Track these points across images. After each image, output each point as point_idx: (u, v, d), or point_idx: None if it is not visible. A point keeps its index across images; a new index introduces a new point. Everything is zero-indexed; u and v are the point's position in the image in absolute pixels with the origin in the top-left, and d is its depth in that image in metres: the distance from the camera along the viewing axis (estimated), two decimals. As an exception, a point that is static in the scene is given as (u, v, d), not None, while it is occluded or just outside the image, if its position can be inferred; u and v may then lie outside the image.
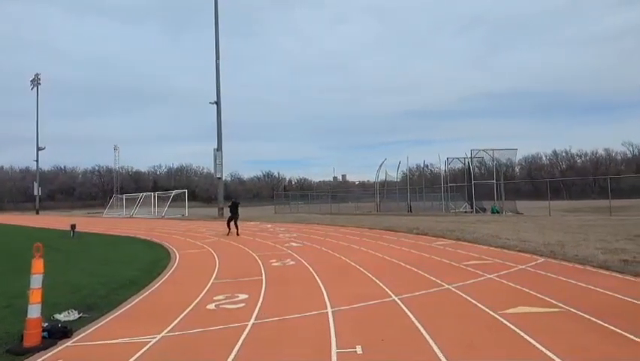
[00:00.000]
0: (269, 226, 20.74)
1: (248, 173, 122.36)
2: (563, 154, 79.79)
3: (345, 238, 13.54)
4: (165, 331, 4.59)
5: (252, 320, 4.88)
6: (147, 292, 6.66)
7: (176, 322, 4.91)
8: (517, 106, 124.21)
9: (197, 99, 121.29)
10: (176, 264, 9.52)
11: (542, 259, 8.15)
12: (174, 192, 42.85)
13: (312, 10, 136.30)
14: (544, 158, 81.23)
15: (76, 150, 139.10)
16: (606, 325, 4.20)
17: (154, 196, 42.00)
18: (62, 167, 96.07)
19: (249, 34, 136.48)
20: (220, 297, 6.08)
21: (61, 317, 5.10)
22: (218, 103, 32.63)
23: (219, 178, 34.04)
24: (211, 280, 7.37)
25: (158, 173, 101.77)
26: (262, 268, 8.48)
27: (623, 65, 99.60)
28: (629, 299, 5.12)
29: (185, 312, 5.33)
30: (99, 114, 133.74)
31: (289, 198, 49.75)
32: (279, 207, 44.08)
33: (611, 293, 5.44)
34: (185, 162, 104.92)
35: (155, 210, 40.26)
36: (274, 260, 9.38)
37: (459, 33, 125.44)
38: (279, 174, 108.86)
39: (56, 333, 4.43)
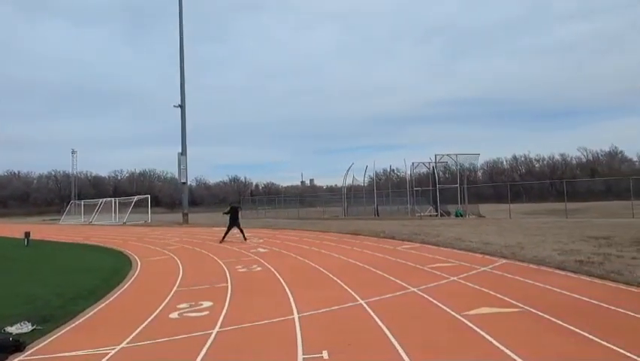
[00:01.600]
0: (235, 231, 20.41)
1: (214, 178, 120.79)
2: (522, 159, 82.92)
3: (313, 242, 13.52)
4: (125, 342, 4.41)
5: (217, 328, 4.77)
6: (106, 302, 6.40)
7: (136, 332, 4.74)
8: (478, 112, 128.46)
9: (160, 102, 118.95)
10: (137, 272, 9.21)
11: (503, 261, 8.40)
12: (136, 197, 41.59)
13: (280, 15, 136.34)
14: (504, 162, 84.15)
15: (31, 154, 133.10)
16: (564, 324, 4.35)
17: (114, 202, 40.63)
18: (16, 172, 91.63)
19: (214, 37, 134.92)
20: (183, 305, 5.92)
21: (13, 329, 4.82)
22: (182, 106, 31.99)
23: (184, 183, 33.35)
24: (174, 288, 7.17)
25: (119, 178, 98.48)
26: (228, 274, 8.33)
27: (577, 74, 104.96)
28: (585, 299, 5.34)
29: (146, 322, 5.15)
30: (56, 117, 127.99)
31: (256, 203, 49.27)
32: (245, 213, 43.51)
33: (567, 293, 5.65)
34: (148, 166, 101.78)
35: (115, 217, 38.97)
36: (240, 266, 9.24)
37: (420, 41, 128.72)
38: (245, 178, 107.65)
39: (7, 347, 4.20)
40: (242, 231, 15.17)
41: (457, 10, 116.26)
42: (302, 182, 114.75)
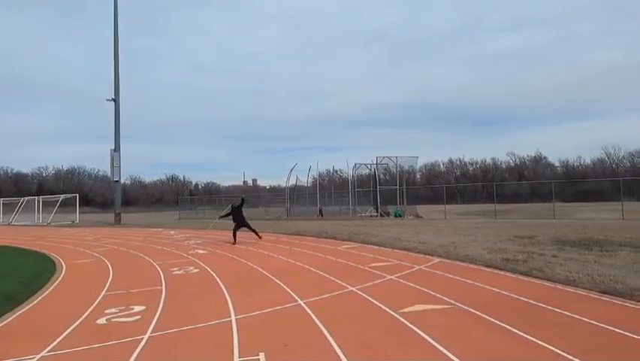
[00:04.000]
0: (172, 232, 19.71)
1: (150, 176, 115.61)
2: (458, 162, 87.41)
3: (253, 243, 13.33)
4: (45, 350, 4.07)
5: (149, 333, 4.53)
6: (26, 308, 5.88)
7: (59, 340, 4.39)
8: (418, 117, 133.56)
9: (93, 96, 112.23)
10: (62, 276, 8.57)
11: (438, 260, 8.75)
12: (63, 196, 38.80)
13: (223, 12, 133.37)
14: (441, 165, 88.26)
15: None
16: (491, 319, 4.60)
17: (38, 201, 37.66)
18: None
19: (153, 31, 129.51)
20: (112, 310, 5.57)
21: None
22: (116, 100, 30.36)
23: (116, 181, 31.62)
24: (103, 292, 6.74)
25: (44, 175, 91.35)
26: (162, 277, 7.98)
27: (507, 84, 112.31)
28: (510, 295, 5.68)
29: (70, 328, 4.79)
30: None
31: (195, 203, 47.81)
32: (184, 213, 42.17)
33: (494, 289, 5.99)
34: (77, 163, 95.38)
35: (39, 217, 36.14)
36: (176, 268, 8.89)
37: (364, 46, 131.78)
38: (184, 177, 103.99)
39: None
40: (253, 230, 13.81)
41: (398, 19, 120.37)
42: (244, 182, 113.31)
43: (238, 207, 14.08)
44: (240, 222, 13.76)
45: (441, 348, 3.79)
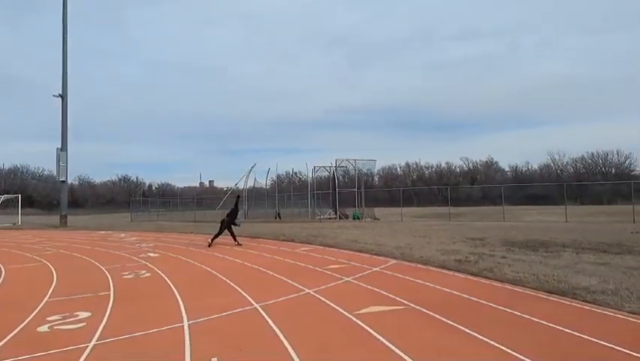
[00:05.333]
0: (122, 235, 18.94)
1: (100, 177, 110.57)
2: (414, 166, 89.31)
3: (210, 246, 13.02)
4: (-24, 363, 3.77)
5: (94, 341, 4.30)
6: (-46, 319, 5.43)
7: (-7, 351, 4.08)
8: (377, 121, 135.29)
9: (37, 92, 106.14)
10: (0, 281, 8.00)
11: (394, 261, 8.89)
12: (4, 196, 36.47)
13: (180, 8, 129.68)
14: (398, 169, 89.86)
15: None
16: (443, 319, 4.71)
17: (-24, 201, 35.17)
18: None
19: (106, 26, 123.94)
20: (55, 317, 5.25)
21: None
22: (63, 97, 28.88)
23: (63, 182, 30.05)
24: (45, 299, 6.34)
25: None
26: (111, 281, 7.62)
27: (461, 91, 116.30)
28: (461, 295, 5.85)
29: (8, 337, 4.47)
30: None
31: (148, 205, 46.22)
32: (136, 215, 40.70)
33: (446, 290, 6.15)
34: (19, 162, 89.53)
35: (-24, 219, 33.69)
36: (126, 272, 8.52)
37: (325, 49, 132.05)
38: (137, 178, 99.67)
39: None
40: (233, 234, 13.18)
41: (358, 23, 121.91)
42: (201, 183, 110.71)
43: (233, 211, 13.65)
44: (228, 225, 13.25)
45: (394, 348, 3.84)
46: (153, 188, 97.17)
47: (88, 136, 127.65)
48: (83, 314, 5.36)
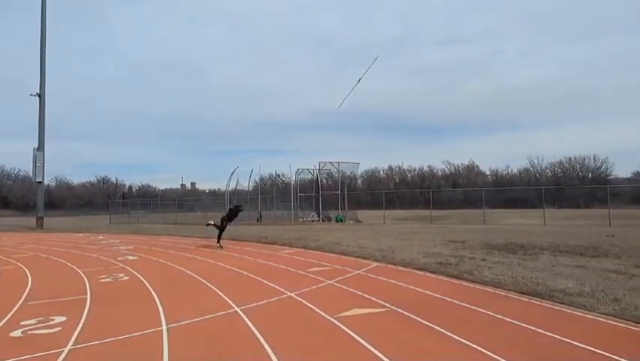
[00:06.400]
0: (101, 237, 18.57)
1: (79, 178, 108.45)
2: (397, 169, 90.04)
3: (189, 249, 12.87)
4: (-57, 371, 3.63)
5: (69, 346, 4.18)
6: None
7: (-39, 357, 3.93)
8: (359, 124, 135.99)
9: (13, 90, 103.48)
10: (-30, 285, 7.75)
11: (376, 264, 8.92)
12: (-22, 198, 35.38)
13: (163, 7, 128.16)
14: (381, 172, 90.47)
15: None
16: (424, 321, 4.74)
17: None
18: None
19: (86, 24, 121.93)
20: (30, 321, 5.10)
21: None
22: (41, 95, 28.23)
23: (39, 182, 29.32)
24: (19, 303, 6.16)
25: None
26: (88, 285, 7.44)
27: (444, 95, 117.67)
28: (442, 297, 5.90)
29: (-24, 344, 4.32)
30: None
31: (128, 207, 45.45)
32: (115, 217, 39.99)
33: (427, 292, 6.20)
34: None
35: (-52, 220, 32.62)
36: (104, 276, 8.34)
37: (309, 51, 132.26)
38: (117, 180, 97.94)
39: None
40: (220, 236, 13.02)
41: (343, 26, 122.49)
42: (182, 185, 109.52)
43: (233, 214, 13.47)
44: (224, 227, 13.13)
45: (375, 351, 3.84)
46: (133, 190, 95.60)
47: (66, 136, 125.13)
48: (59, 319, 5.22)
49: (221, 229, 13.06)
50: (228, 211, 13.76)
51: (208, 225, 13.69)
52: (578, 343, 3.95)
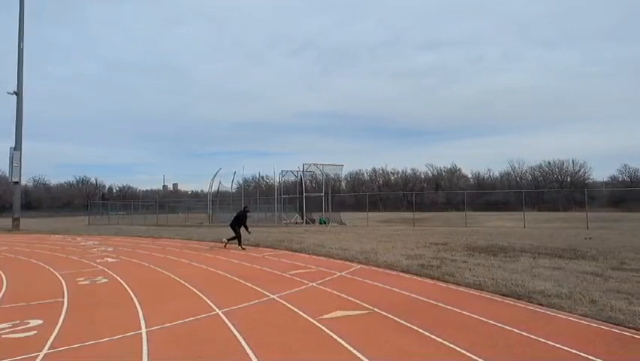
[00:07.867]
0: (79, 239, 18.19)
1: (57, 178, 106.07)
2: (380, 171, 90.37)
3: (171, 251, 12.70)
4: None
5: (45, 350, 4.08)
6: None
7: None
8: (345, 126, 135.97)
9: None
10: (-59, 289, 7.49)
11: (359, 266, 8.94)
12: (-48, 198, 34.30)
13: (144, 5, 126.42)
14: (365, 174, 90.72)
15: None
16: (404, 322, 4.77)
17: None
18: None
19: (65, 22, 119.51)
20: (4, 325, 4.96)
21: None
22: (19, 93, 27.54)
23: (16, 183, 28.55)
24: (-8, 307, 5.99)
25: None
26: (65, 288, 7.27)
27: (426, 98, 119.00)
28: (423, 298, 5.95)
29: (-54, 350, 4.16)
30: None
31: (108, 208, 44.63)
32: (94, 218, 39.22)
33: (409, 294, 6.23)
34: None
35: None
36: (82, 278, 8.16)
37: (294, 52, 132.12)
38: (96, 180, 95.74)
39: None
40: (228, 240, 13.38)
41: (328, 28, 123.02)
42: (164, 186, 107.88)
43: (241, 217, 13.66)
44: (239, 227, 13.35)
45: (356, 353, 3.85)
46: (114, 190, 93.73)
47: (44, 135, 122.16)
48: (35, 322, 5.09)
49: (237, 235, 13.10)
50: (236, 215, 13.83)
51: (228, 240, 13.50)
52: (555, 343, 4.03)
